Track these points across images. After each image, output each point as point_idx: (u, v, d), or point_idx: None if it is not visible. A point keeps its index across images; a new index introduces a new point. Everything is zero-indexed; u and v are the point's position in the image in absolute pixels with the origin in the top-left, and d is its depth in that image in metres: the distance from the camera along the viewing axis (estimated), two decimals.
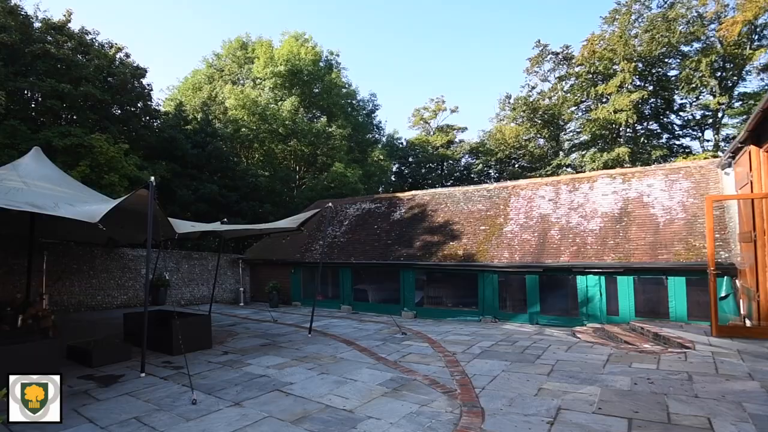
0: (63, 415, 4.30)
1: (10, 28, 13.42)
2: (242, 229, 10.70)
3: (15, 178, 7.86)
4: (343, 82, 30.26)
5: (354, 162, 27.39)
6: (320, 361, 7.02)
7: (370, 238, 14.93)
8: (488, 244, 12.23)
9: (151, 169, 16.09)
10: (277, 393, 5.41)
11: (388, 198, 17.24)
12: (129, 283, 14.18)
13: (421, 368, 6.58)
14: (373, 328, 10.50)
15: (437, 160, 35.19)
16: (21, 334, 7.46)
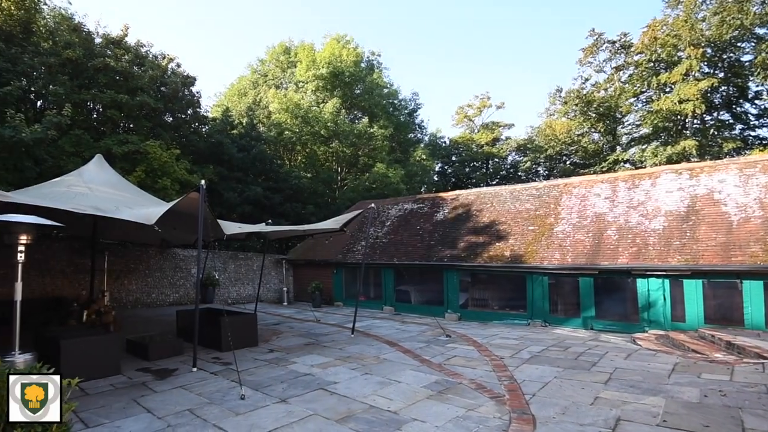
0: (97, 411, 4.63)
1: (75, 44, 14.74)
2: (286, 230, 11.07)
3: (81, 184, 8.64)
4: (384, 82, 30.48)
5: (396, 162, 27.49)
6: (363, 362, 7.11)
7: (412, 238, 14.91)
8: (537, 245, 11.81)
9: (200, 173, 17.05)
10: (321, 391, 5.54)
11: (430, 198, 17.14)
12: (180, 282, 15.10)
13: (467, 372, 6.47)
14: (416, 329, 10.47)
15: (482, 158, 34.48)
16: (86, 328, 8.17)
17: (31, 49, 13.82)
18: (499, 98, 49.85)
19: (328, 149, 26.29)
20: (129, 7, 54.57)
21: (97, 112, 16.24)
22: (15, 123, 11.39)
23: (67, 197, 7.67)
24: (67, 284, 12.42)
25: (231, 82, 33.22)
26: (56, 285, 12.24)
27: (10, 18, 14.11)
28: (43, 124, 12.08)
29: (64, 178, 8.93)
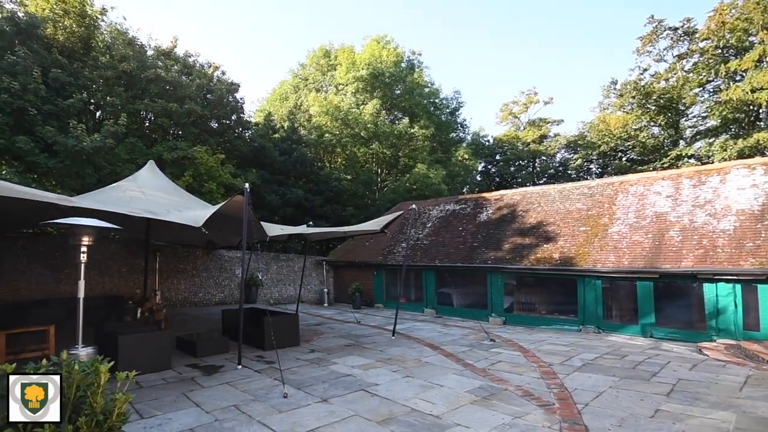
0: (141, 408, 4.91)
1: (129, 57, 15.93)
2: (327, 231, 11.32)
3: (135, 189, 9.29)
4: (425, 81, 30.43)
5: (437, 162, 27.32)
6: (404, 364, 7.11)
7: (454, 240, 14.73)
8: (590, 247, 11.29)
9: (243, 177, 17.82)
10: (362, 393, 5.60)
11: (473, 198, 16.87)
12: (225, 282, 15.84)
13: (513, 378, 6.30)
14: (459, 333, 10.33)
15: (528, 156, 33.47)
16: (140, 324, 8.76)
17: (91, 63, 15.07)
18: (546, 93, 48.18)
19: (368, 151, 26.58)
20: (177, 19, 58.14)
21: (149, 121, 17.42)
22: (77, 133, 12.48)
23: (123, 201, 8.28)
24: (122, 283, 13.40)
25: (273, 87, 34.54)
26: (113, 284, 13.23)
27: (72, 35, 15.48)
28: (101, 133, 13.16)
29: (120, 184, 9.63)
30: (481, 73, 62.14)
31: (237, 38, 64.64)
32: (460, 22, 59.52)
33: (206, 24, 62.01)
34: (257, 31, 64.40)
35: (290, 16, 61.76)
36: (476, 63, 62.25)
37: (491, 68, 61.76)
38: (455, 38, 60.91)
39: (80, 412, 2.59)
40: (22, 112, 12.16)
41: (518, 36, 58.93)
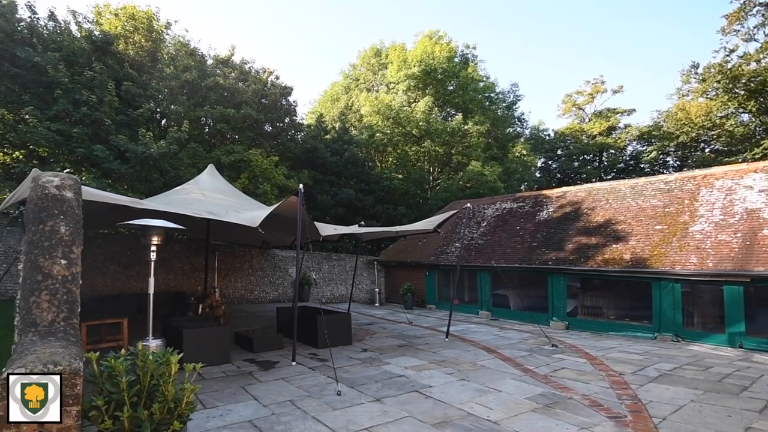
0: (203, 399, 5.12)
1: (191, 67, 17.11)
2: (379, 231, 11.39)
3: (196, 191, 9.92)
4: (480, 75, 29.82)
5: (492, 159, 26.63)
6: (459, 367, 6.95)
7: (511, 239, 14.23)
8: (667, 247, 10.39)
9: (296, 178, 18.46)
10: (416, 394, 5.54)
11: (532, 196, 16.22)
12: (279, 281, 16.48)
13: (579, 386, 5.93)
14: (517, 337, 9.94)
15: (594, 150, 31.59)
16: (201, 319, 9.32)
17: (157, 74, 16.37)
18: (615, 82, 45.29)
19: (420, 149, 26.49)
20: (235, 26, 61.69)
21: (208, 127, 18.58)
22: (146, 140, 13.61)
23: (186, 203, 8.86)
24: (185, 280, 14.37)
25: (324, 89, 35.50)
26: (177, 281, 14.23)
27: (141, 49, 16.92)
28: (167, 140, 14.23)
29: (183, 187, 10.33)
30: (541, 63, 59.79)
31: (291, 42, 67.31)
32: (519, 10, 57.68)
33: (262, 29, 65.22)
34: (310, 34, 66.68)
35: (342, 17, 63.28)
36: (536, 53, 59.99)
37: (552, 58, 59.23)
38: (513, 28, 59.12)
39: (154, 399, 2.78)
40: (99, 122, 13.44)
41: (582, 22, 55.99)
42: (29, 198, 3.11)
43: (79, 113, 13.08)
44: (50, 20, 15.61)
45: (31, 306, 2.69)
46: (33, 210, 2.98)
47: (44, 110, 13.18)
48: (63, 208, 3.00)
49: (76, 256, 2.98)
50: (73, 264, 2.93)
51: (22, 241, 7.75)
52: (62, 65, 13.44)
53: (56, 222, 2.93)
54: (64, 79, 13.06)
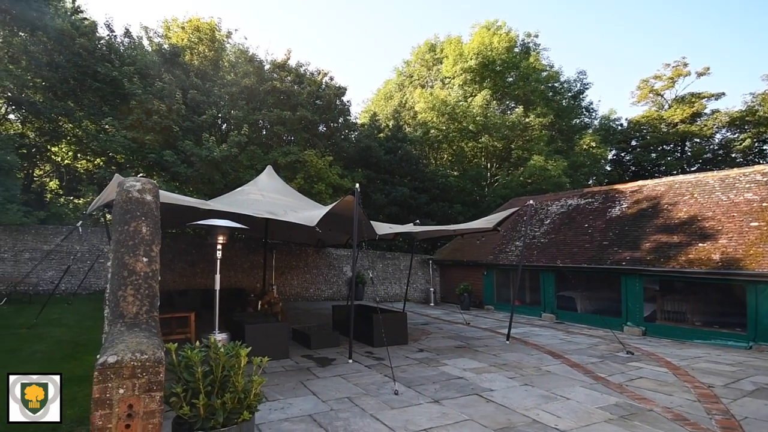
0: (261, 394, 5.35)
1: (250, 73, 18.08)
2: (436, 230, 11.35)
3: (256, 192, 10.46)
4: (542, 65, 28.72)
5: (556, 153, 25.53)
6: (522, 371, 6.77)
7: (578, 238, 13.56)
8: (765, 246, 9.38)
9: (350, 177, 18.87)
10: (476, 397, 5.48)
11: (602, 191, 15.36)
12: (333, 279, 16.99)
13: (659, 398, 5.55)
14: (586, 342, 9.47)
15: (675, 139, 29.17)
16: (261, 315, 9.82)
17: (219, 82, 17.48)
18: (699, 63, 41.38)
19: (477, 145, 26.00)
20: (290, 30, 64.18)
21: (265, 129, 19.51)
22: (209, 145, 14.60)
23: (247, 204, 9.39)
24: (244, 278, 15.23)
25: (378, 87, 35.93)
26: (237, 278, 15.12)
27: (205, 59, 18.17)
28: (228, 143, 15.18)
29: (243, 188, 10.95)
30: (612, 47, 56.24)
31: (345, 42, 68.83)
32: None
33: (317, 31, 67.29)
34: (365, 33, 67.76)
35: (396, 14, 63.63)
36: (606, 37, 56.55)
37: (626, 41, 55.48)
38: (580, 12, 56.16)
39: (225, 389, 3.01)
40: (168, 129, 14.63)
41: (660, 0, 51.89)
42: (116, 201, 3.50)
43: (150, 121, 14.33)
44: (125, 37, 17.26)
45: (118, 299, 3.03)
46: (119, 212, 3.36)
47: (121, 120, 14.59)
48: (144, 210, 3.35)
49: (155, 254, 3.31)
50: (153, 261, 3.26)
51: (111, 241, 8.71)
52: (136, 78, 14.80)
53: (138, 223, 3.28)
54: (138, 91, 14.37)
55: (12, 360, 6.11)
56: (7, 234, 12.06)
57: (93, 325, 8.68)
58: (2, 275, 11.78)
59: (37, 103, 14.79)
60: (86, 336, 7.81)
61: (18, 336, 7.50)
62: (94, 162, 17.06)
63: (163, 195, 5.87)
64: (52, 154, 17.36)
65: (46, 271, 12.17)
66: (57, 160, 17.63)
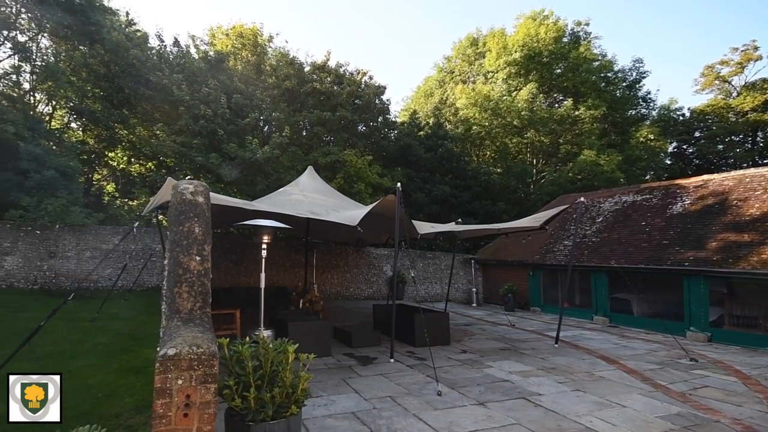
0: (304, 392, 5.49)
1: (291, 76, 18.64)
2: (479, 229, 11.21)
3: (297, 192, 10.78)
4: (594, 54, 27.63)
5: (609, 147, 24.49)
6: (573, 376, 6.58)
7: (634, 237, 12.94)
8: None
9: (389, 176, 19.00)
10: (523, 401, 5.40)
11: (662, 187, 14.59)
12: (373, 279, 17.17)
13: (727, 408, 5.23)
14: (643, 347, 9.04)
15: (745, 129, 27.09)
16: (302, 314, 10.10)
17: (261, 85, 18.13)
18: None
19: (522, 140, 25.40)
20: (330, 30, 65.36)
21: (305, 130, 20.03)
22: (252, 147, 15.20)
23: (289, 204, 9.69)
24: (286, 276, 15.70)
25: (417, 85, 35.85)
26: (279, 276, 15.59)
27: (248, 64, 18.90)
28: (270, 145, 15.72)
29: (285, 188, 11.30)
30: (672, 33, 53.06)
31: (385, 39, 69.24)
32: None
33: (356, 30, 68.14)
34: (404, 30, 67.87)
35: (436, 10, 63.26)
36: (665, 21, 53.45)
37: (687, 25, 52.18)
38: None
39: (274, 383, 3.18)
40: (213, 133, 15.36)
41: None
42: (170, 203, 3.77)
43: (197, 126, 15.11)
44: (174, 46, 18.29)
45: (174, 296, 3.26)
46: (173, 213, 3.61)
47: (170, 125, 15.49)
48: (197, 212, 3.59)
49: (207, 253, 3.54)
50: (206, 260, 3.49)
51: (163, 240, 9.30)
52: (184, 85, 15.66)
53: (192, 223, 3.51)
54: (186, 97, 15.20)
55: (78, 350, 6.69)
56: (71, 234, 13.10)
57: (147, 320, 9.32)
58: (67, 272, 12.81)
59: (96, 112, 15.98)
60: (142, 330, 8.38)
61: (82, 328, 8.17)
62: (146, 166, 18.20)
63: (212, 196, 6.20)
64: (109, 159, 18.69)
65: (104, 269, 13.11)
66: (113, 164, 18.95)
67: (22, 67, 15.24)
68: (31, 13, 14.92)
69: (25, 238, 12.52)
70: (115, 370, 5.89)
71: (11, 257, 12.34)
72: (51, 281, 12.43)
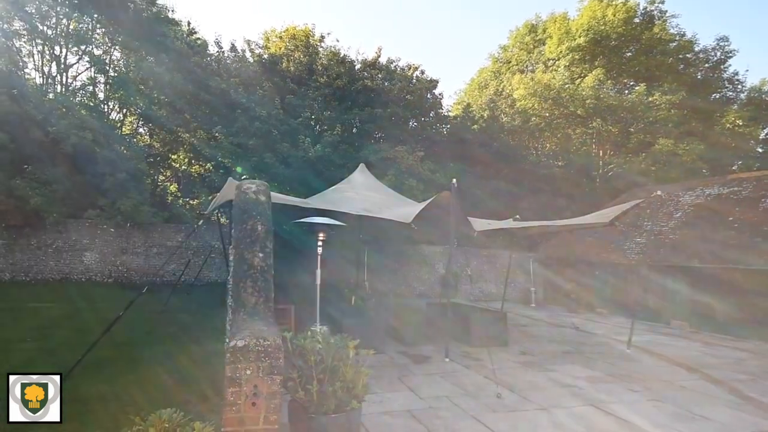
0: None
1: (342, 74, 19.05)
2: (539, 225, 10.90)
3: (350, 190, 11.04)
4: (670, 34, 25.83)
5: (689, 135, 22.76)
6: (648, 384, 6.25)
7: (720, 233, 11.99)
8: None
9: (442, 172, 18.86)
10: (592, 409, 5.22)
11: (753, 178, 13.52)
12: (425, 276, 17.17)
13: None
14: (731, 355, 8.37)
15: None
16: (354, 310, 10.29)
17: (313, 85, 18.70)
18: None
19: (587, 131, 24.23)
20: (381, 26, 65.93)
21: (356, 128, 20.36)
22: (304, 146, 15.73)
23: (342, 201, 9.96)
24: (338, 273, 16.04)
25: (471, 77, 35.16)
26: (331, 273, 15.90)
27: (300, 65, 19.54)
28: (321, 144, 16.19)
29: (338, 186, 11.60)
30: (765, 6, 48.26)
31: (437, 31, 68.79)
32: None
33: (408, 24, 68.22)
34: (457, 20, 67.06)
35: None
36: None
37: None
38: None
39: (335, 378, 3.32)
40: (268, 134, 16.06)
41: None
42: (235, 202, 4.05)
43: (253, 127, 15.89)
44: (231, 51, 19.36)
45: (240, 290, 3.50)
46: (238, 212, 3.89)
47: (228, 127, 16.41)
48: (259, 210, 3.84)
49: (269, 249, 3.77)
50: (268, 256, 3.72)
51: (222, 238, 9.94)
52: (241, 88, 16.55)
53: (255, 222, 3.77)
54: (242, 100, 16.06)
55: (150, 339, 7.48)
56: (140, 232, 14.42)
57: (209, 313, 10.08)
58: (136, 267, 14.18)
59: (161, 117, 17.28)
60: (206, 322, 9.06)
61: (153, 319, 9.03)
62: (204, 166, 19.39)
63: (275, 196, 6.52)
64: (172, 161, 20.10)
65: (169, 264, 14.22)
66: (176, 166, 20.36)
67: (97, 78, 16.85)
68: (105, 28, 16.44)
69: (102, 236, 13.99)
70: (184, 359, 6.43)
71: (90, 253, 13.88)
72: (123, 275, 13.85)
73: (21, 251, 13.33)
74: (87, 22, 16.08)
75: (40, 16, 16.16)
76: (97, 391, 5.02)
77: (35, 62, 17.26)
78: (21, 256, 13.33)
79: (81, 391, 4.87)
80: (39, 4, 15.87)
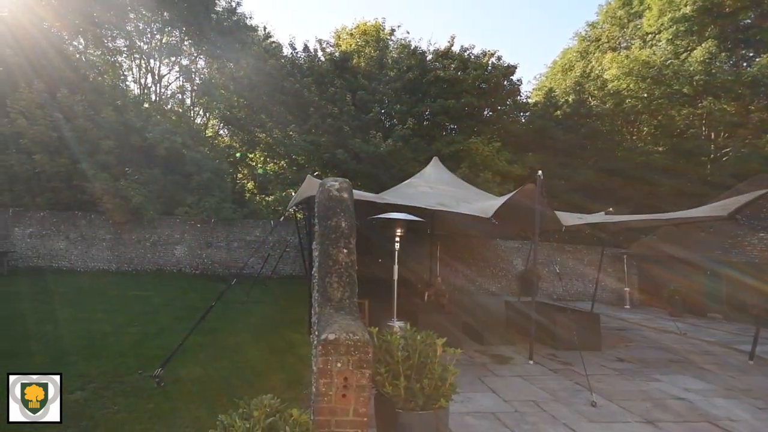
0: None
1: (413, 67, 19.09)
2: (638, 219, 10.17)
3: (423, 184, 11.07)
4: None
5: None
6: None
7: None
8: None
9: (520, 163, 18.22)
10: (708, 425, 4.84)
11: None
12: (502, 273, 16.70)
13: None
14: None
15: None
16: (428, 306, 10.34)
17: (383, 79, 18.95)
18: None
19: (694, 111, 22.03)
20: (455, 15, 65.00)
21: (428, 120, 20.28)
22: (375, 141, 16.03)
23: (416, 196, 10.01)
24: (411, 268, 16.18)
25: (553, 60, 33.49)
26: (404, 268, 16.09)
27: (371, 60, 19.89)
28: (392, 138, 16.38)
29: (411, 180, 11.67)
30: None
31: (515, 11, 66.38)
32: None
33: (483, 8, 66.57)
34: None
35: None
36: None
37: None
38: None
39: (422, 375, 3.42)
40: (340, 130, 16.60)
41: None
42: (318, 199, 4.28)
43: (325, 124, 16.53)
44: (304, 51, 20.27)
45: (325, 285, 3.71)
46: (322, 209, 4.11)
47: (301, 125, 17.23)
48: (342, 207, 4.04)
49: (353, 246, 3.95)
50: (352, 252, 3.90)
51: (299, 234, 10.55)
52: (313, 87, 17.32)
53: (339, 218, 3.97)
54: (315, 98, 16.79)
55: (235, 327, 8.19)
56: (222, 227, 15.83)
57: (287, 305, 10.82)
58: (219, 260, 15.67)
59: (241, 119, 18.60)
60: (284, 314, 9.70)
61: (237, 309, 9.88)
62: (279, 164, 20.50)
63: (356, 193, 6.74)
64: (250, 160, 21.50)
65: (248, 258, 15.34)
66: (252, 164, 21.75)
67: (185, 86, 18.59)
68: (191, 39, 18.06)
69: (190, 231, 15.64)
70: (266, 348, 6.96)
71: (179, 246, 15.58)
72: (208, 267, 15.47)
73: (124, 245, 15.25)
74: (176, 36, 17.75)
75: (137, 33, 18.25)
76: (194, 374, 5.56)
77: (134, 75, 19.51)
78: (124, 249, 15.25)
79: (180, 374, 5.47)
80: (137, 22, 17.91)
